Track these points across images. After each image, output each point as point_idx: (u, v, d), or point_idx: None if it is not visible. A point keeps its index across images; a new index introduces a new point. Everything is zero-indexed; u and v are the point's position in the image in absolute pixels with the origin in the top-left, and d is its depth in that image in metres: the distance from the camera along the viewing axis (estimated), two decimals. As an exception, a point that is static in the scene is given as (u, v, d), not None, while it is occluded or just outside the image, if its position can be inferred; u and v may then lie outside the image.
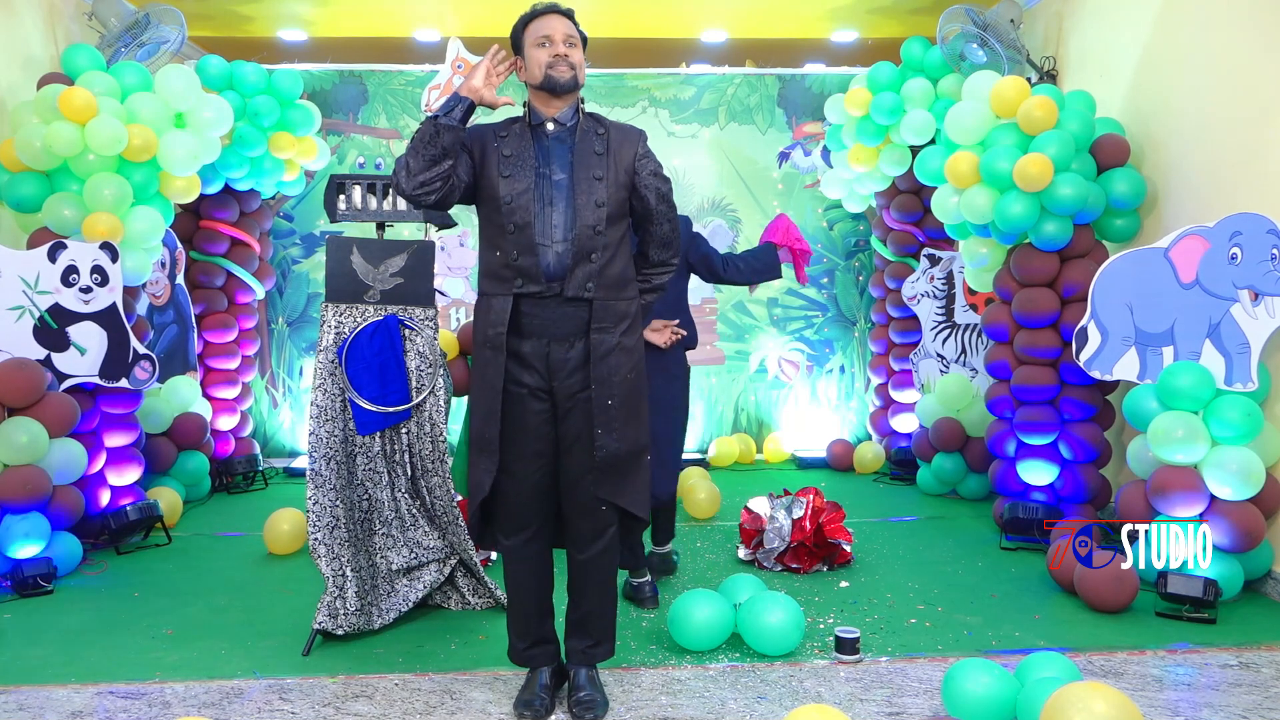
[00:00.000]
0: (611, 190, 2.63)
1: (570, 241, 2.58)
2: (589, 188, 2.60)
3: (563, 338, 2.63)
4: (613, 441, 2.63)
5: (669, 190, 2.79)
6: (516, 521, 2.72)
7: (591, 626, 2.78)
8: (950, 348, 5.93)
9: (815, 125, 6.69)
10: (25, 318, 4.21)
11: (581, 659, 2.78)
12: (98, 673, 3.05)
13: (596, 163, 2.63)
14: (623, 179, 2.66)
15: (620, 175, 2.65)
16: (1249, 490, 3.51)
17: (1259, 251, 3.57)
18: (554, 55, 2.60)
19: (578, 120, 2.68)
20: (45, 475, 3.97)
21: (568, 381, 2.63)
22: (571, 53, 2.61)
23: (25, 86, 4.73)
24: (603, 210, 2.60)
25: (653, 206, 2.74)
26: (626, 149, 2.68)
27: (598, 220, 2.59)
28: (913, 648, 3.23)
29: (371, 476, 3.44)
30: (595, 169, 2.62)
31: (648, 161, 2.72)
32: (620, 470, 2.66)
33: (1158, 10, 4.48)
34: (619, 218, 2.67)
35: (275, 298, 6.65)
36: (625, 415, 2.64)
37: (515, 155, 2.64)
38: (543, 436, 2.67)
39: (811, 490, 4.26)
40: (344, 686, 2.93)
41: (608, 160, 2.64)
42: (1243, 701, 2.76)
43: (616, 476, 2.66)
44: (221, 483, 5.79)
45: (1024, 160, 4.21)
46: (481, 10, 6.41)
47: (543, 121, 2.67)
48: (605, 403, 2.61)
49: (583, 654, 2.78)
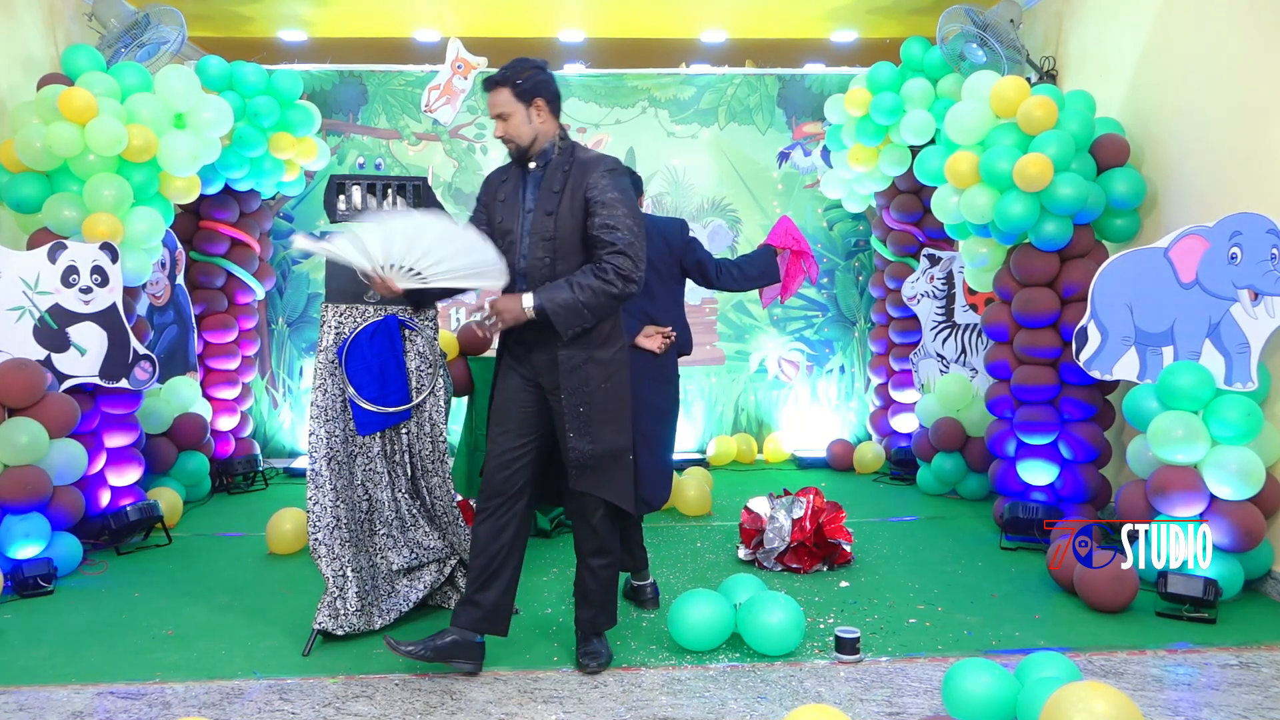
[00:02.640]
0: (564, 223, 2.84)
1: (524, 270, 2.89)
2: (540, 223, 2.87)
3: (541, 347, 2.91)
4: (585, 444, 2.89)
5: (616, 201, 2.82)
6: (487, 489, 2.99)
7: (593, 597, 3.06)
8: (950, 348, 5.94)
9: (815, 125, 6.69)
10: (25, 318, 4.21)
11: (587, 627, 3.08)
12: (98, 673, 3.05)
13: (551, 199, 2.87)
14: (578, 211, 2.84)
15: (575, 207, 2.84)
16: (1249, 490, 3.51)
17: (1259, 251, 3.57)
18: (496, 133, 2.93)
19: (553, 157, 2.90)
20: (45, 476, 3.97)
21: (548, 382, 2.93)
22: (506, 126, 2.89)
23: (25, 87, 4.73)
24: (550, 243, 2.85)
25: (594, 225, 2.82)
26: (584, 182, 2.85)
27: (545, 253, 2.86)
28: (913, 648, 3.23)
29: (372, 477, 3.44)
30: (548, 204, 2.87)
31: (597, 191, 2.83)
32: (597, 468, 2.92)
33: (1158, 10, 4.49)
34: (574, 249, 2.86)
35: (275, 298, 6.65)
36: (600, 419, 2.90)
37: (508, 198, 2.98)
38: (525, 419, 2.97)
39: (811, 490, 4.26)
40: (344, 687, 2.93)
41: (564, 195, 2.85)
42: (1243, 701, 2.77)
43: (594, 474, 2.92)
44: (222, 483, 5.79)
45: (1024, 160, 4.21)
46: (481, 10, 6.41)
47: (526, 161, 2.96)
48: (577, 409, 2.88)
49: (588, 623, 3.08)
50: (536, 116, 2.89)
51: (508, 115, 2.88)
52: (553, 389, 2.92)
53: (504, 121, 2.89)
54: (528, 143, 2.90)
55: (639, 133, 6.69)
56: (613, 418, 2.92)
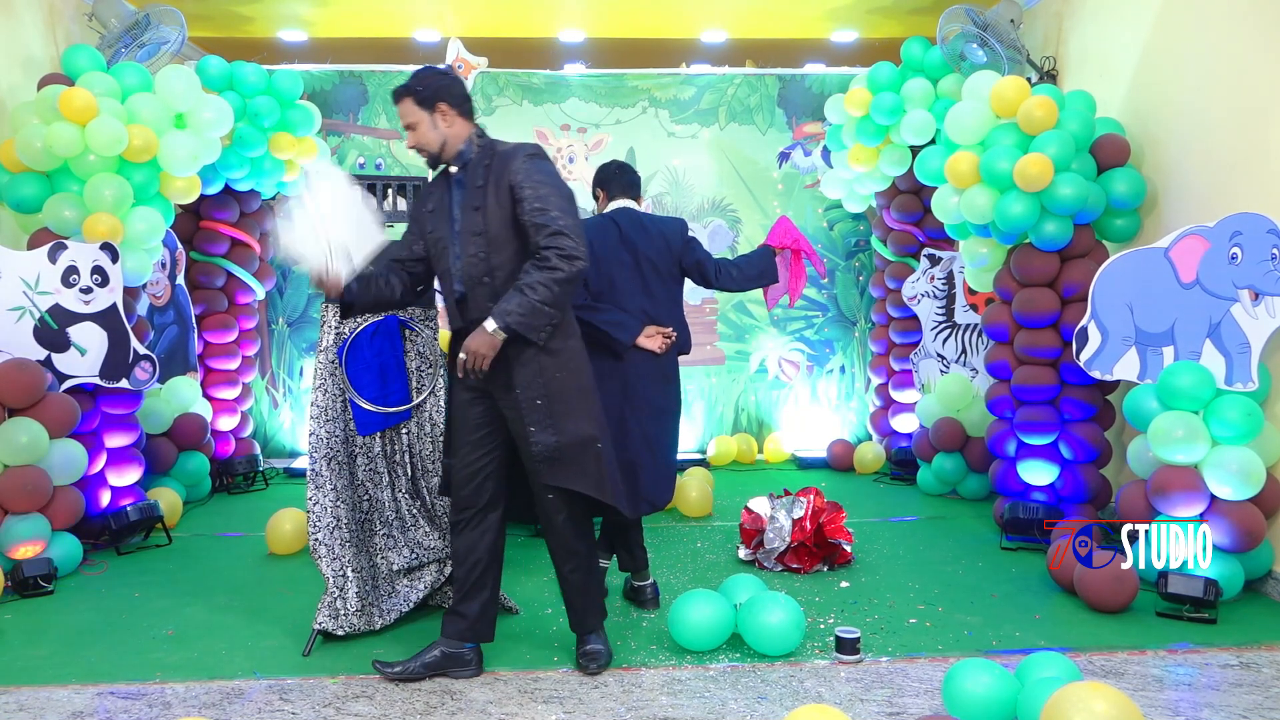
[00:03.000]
0: (492, 216, 2.82)
1: (460, 272, 2.88)
2: (469, 220, 2.85)
3: None
4: (548, 436, 2.84)
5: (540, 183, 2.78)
6: (458, 502, 3.00)
7: (572, 600, 3.06)
8: (950, 348, 5.93)
9: (815, 125, 6.69)
10: (26, 318, 4.21)
11: (577, 628, 3.08)
12: (98, 673, 3.05)
13: (476, 195, 2.85)
14: (504, 200, 2.81)
15: (501, 197, 2.81)
16: (1249, 490, 3.51)
17: (1259, 251, 3.57)
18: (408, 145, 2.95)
19: (472, 156, 2.90)
20: (46, 476, 3.97)
21: (496, 387, 2.89)
22: (415, 135, 2.89)
23: (26, 87, 4.74)
24: (481, 238, 2.82)
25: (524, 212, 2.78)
26: (506, 171, 2.81)
27: (478, 249, 2.84)
28: (913, 648, 3.23)
29: (372, 477, 3.44)
30: (475, 200, 2.85)
31: (520, 177, 2.79)
32: (565, 460, 2.87)
33: (1158, 10, 4.48)
34: (506, 240, 2.83)
35: (275, 298, 6.65)
36: (562, 410, 2.85)
37: (435, 208, 2.97)
38: (481, 429, 2.96)
39: (812, 490, 4.26)
40: (344, 687, 2.93)
41: (487, 189, 2.83)
42: (1243, 701, 2.76)
43: (563, 466, 2.87)
44: (222, 483, 5.79)
45: (1024, 160, 4.21)
46: (481, 10, 6.41)
47: (448, 168, 2.96)
48: (534, 402, 2.84)
49: (576, 624, 3.08)
50: (442, 121, 2.87)
51: (414, 124, 2.87)
52: (505, 391, 2.87)
53: (412, 132, 2.89)
54: (437, 149, 2.89)
55: (639, 133, 6.69)
56: (575, 407, 2.86)
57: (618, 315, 3.48)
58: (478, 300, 2.87)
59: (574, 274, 2.74)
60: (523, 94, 6.62)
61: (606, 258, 3.51)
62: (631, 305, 3.51)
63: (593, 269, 3.50)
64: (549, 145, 6.67)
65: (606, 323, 3.46)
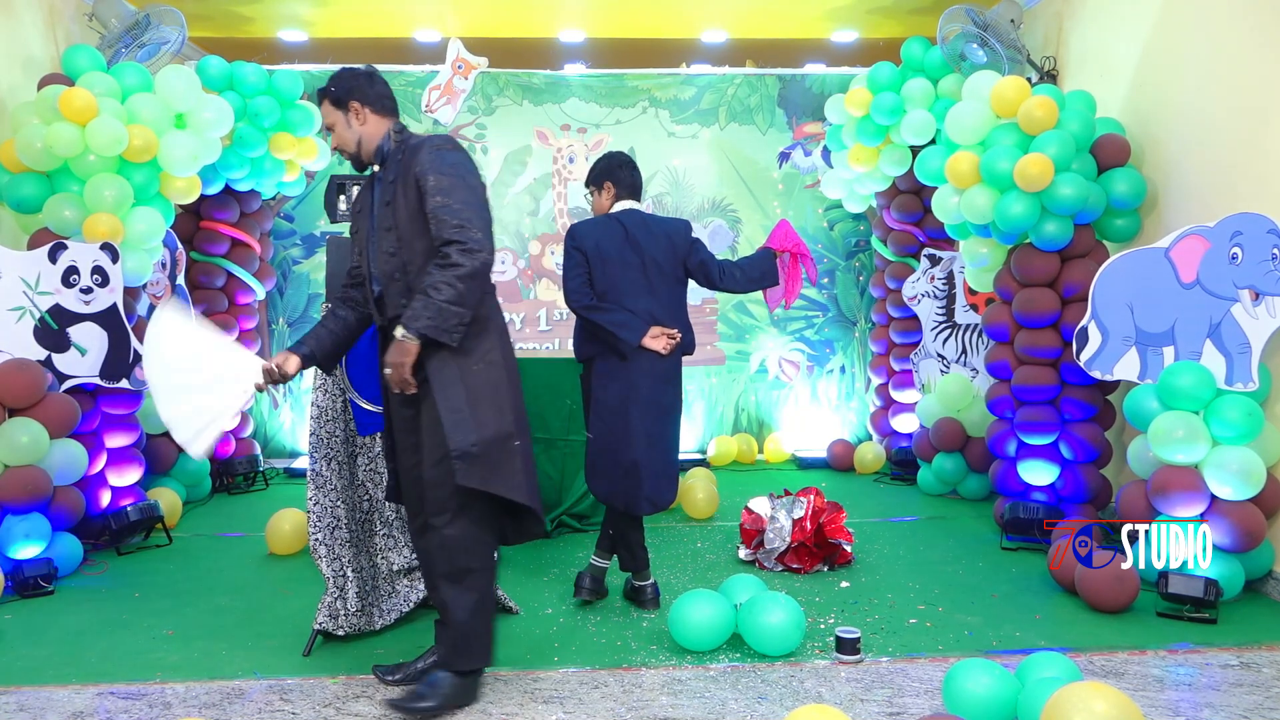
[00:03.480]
0: (400, 210, 2.73)
1: (377, 269, 2.80)
2: (382, 216, 2.78)
3: None
4: (467, 434, 2.66)
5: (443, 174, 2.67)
6: (409, 506, 2.91)
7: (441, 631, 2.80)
8: (951, 348, 5.93)
9: (815, 125, 6.69)
10: (26, 318, 4.21)
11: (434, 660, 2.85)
12: (98, 673, 3.05)
13: (389, 190, 2.78)
14: (411, 194, 2.71)
15: (409, 191, 2.72)
16: (1249, 490, 3.51)
17: (1259, 251, 3.57)
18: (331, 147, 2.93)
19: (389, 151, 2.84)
20: (46, 476, 3.97)
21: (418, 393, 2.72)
22: (335, 137, 2.87)
23: (26, 87, 4.73)
24: (391, 234, 2.75)
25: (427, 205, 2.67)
26: (413, 164, 2.72)
27: (389, 245, 2.75)
28: (913, 648, 3.23)
29: (372, 477, 3.44)
30: (386, 195, 2.78)
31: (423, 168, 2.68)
32: (483, 458, 2.66)
33: (1158, 10, 4.48)
34: (416, 234, 2.72)
35: (276, 298, 6.65)
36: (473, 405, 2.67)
37: (362, 207, 2.92)
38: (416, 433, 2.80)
39: (812, 490, 4.26)
40: (345, 687, 2.93)
41: (398, 183, 2.75)
42: (1244, 701, 2.76)
43: (481, 465, 2.66)
44: (222, 483, 5.79)
45: (1024, 160, 4.21)
46: (481, 10, 6.41)
47: (367, 166, 2.91)
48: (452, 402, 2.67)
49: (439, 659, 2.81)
50: (356, 120, 2.82)
51: (332, 125, 2.84)
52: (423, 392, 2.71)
53: (332, 132, 2.86)
54: (354, 148, 2.83)
55: (639, 133, 6.69)
56: (489, 402, 2.71)
57: (623, 316, 3.49)
58: (393, 298, 2.76)
59: (477, 268, 2.61)
60: (523, 94, 6.63)
61: (612, 259, 3.51)
62: (636, 306, 3.51)
63: (598, 270, 3.52)
64: (549, 145, 6.68)
65: (612, 323, 3.47)
